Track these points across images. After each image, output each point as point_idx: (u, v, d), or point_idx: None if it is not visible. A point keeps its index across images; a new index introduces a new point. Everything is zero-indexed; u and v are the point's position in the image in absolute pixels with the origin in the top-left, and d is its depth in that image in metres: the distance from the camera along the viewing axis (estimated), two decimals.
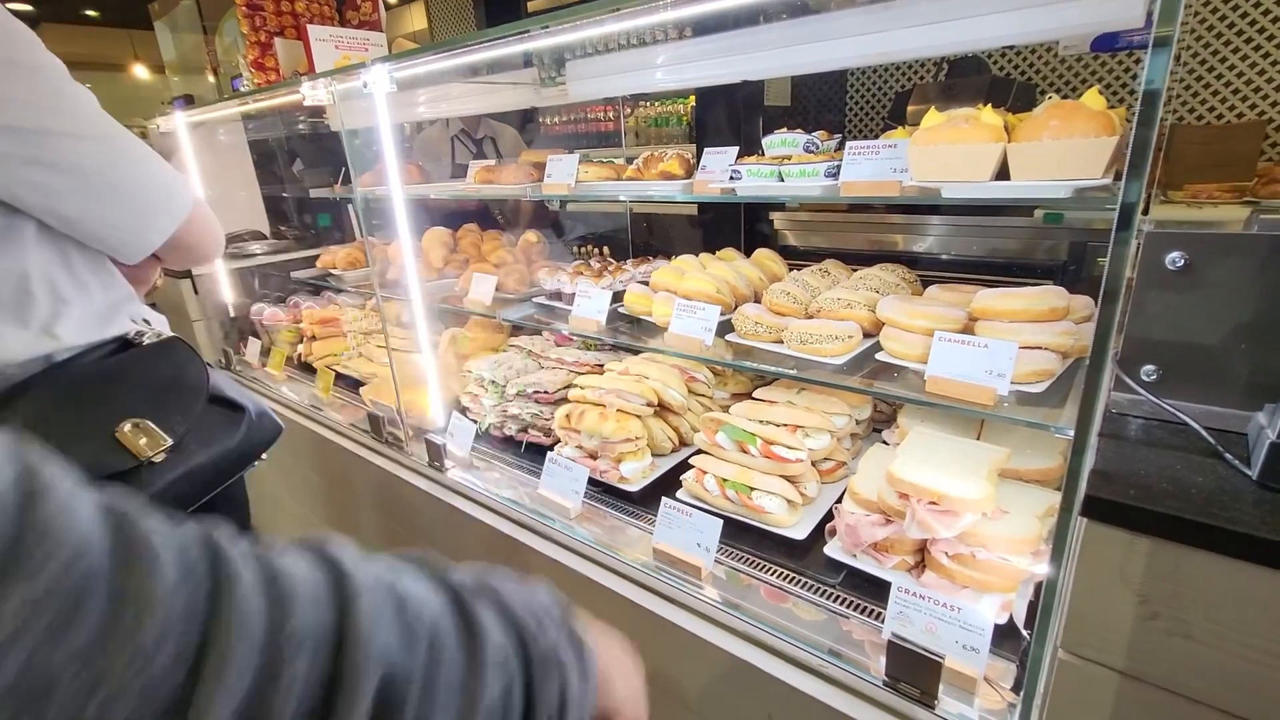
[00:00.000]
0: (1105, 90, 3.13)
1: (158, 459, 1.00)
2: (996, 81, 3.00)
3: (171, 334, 1.15)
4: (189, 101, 3.21)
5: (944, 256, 3.02)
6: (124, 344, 1.10)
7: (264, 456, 1.18)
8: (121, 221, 1.04)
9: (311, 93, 1.57)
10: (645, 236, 3.51)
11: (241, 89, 2.51)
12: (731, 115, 3.68)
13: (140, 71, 9.44)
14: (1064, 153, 0.95)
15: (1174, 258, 0.77)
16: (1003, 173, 1.02)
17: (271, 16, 2.07)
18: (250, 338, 2.75)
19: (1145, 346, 0.82)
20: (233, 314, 2.81)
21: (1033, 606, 0.94)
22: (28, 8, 8.26)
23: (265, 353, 2.63)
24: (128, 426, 1.00)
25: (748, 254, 1.82)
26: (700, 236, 3.63)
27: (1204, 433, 0.73)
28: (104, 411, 1.00)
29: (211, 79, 4.62)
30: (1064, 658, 0.71)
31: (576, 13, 1.14)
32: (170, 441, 1.02)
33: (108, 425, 0.99)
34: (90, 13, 8.79)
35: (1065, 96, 1.24)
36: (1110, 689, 0.68)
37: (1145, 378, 0.82)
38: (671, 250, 2.10)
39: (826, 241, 3.28)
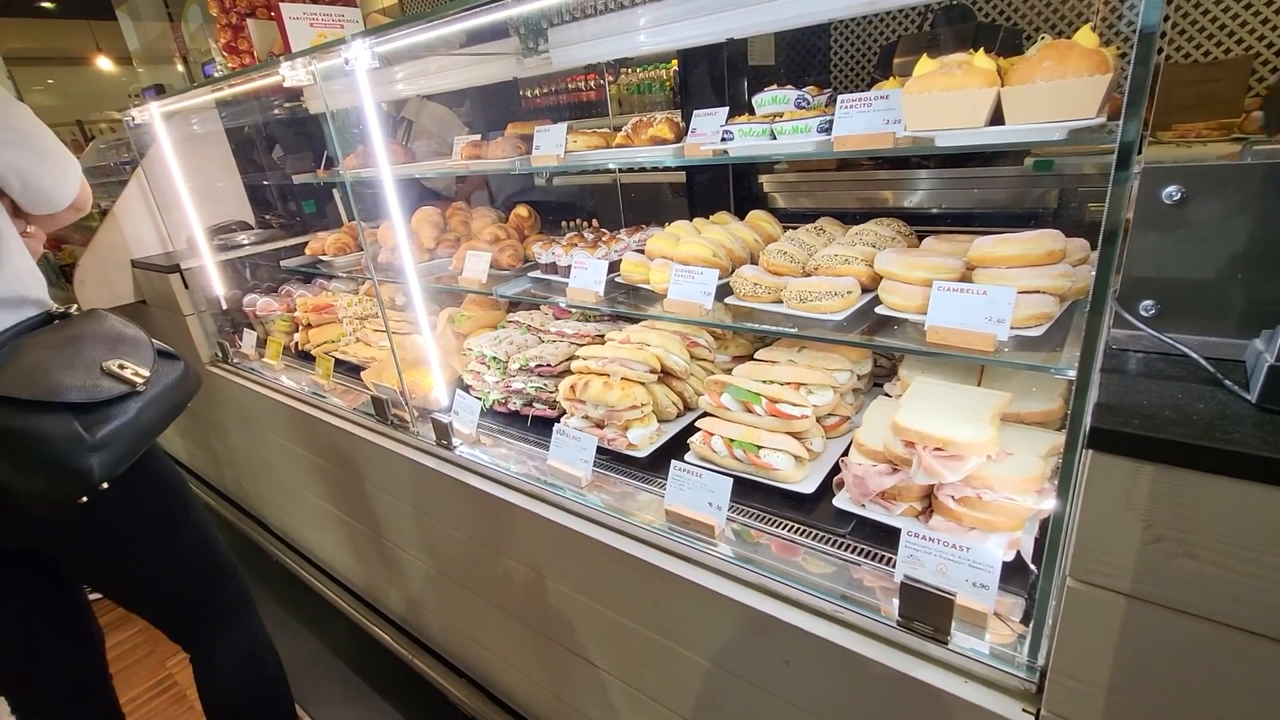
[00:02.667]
0: (1093, 31, 3.09)
1: (141, 388, 1.22)
2: (982, 28, 2.96)
3: (92, 308, 1.38)
4: (160, 91, 3.13)
5: (934, 210, 3.02)
6: (49, 316, 1.30)
7: (190, 405, 1.40)
8: (51, 174, 1.34)
9: (291, 73, 1.54)
10: (635, 207, 3.48)
11: (215, 75, 2.45)
12: (715, 77, 3.62)
13: (104, 64, 9.16)
14: (1058, 93, 0.94)
15: (1170, 191, 0.78)
16: (997, 118, 1.02)
17: None
18: (245, 329, 2.73)
19: (1143, 283, 0.83)
20: (225, 306, 2.79)
21: (1040, 541, 0.97)
22: None
23: (261, 344, 2.61)
24: (114, 364, 1.21)
25: (739, 218, 1.81)
26: (687, 204, 3.61)
27: (1203, 361, 0.75)
28: (87, 354, 1.20)
29: (181, 67, 4.49)
30: (1072, 585, 0.74)
31: None
32: (147, 374, 1.24)
33: (96, 363, 1.19)
34: (46, 4, 8.48)
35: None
36: (1118, 612, 0.71)
37: (1144, 313, 0.83)
38: (662, 217, 2.09)
39: (815, 202, 3.26)
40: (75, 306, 1.34)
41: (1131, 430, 0.64)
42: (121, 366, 1.21)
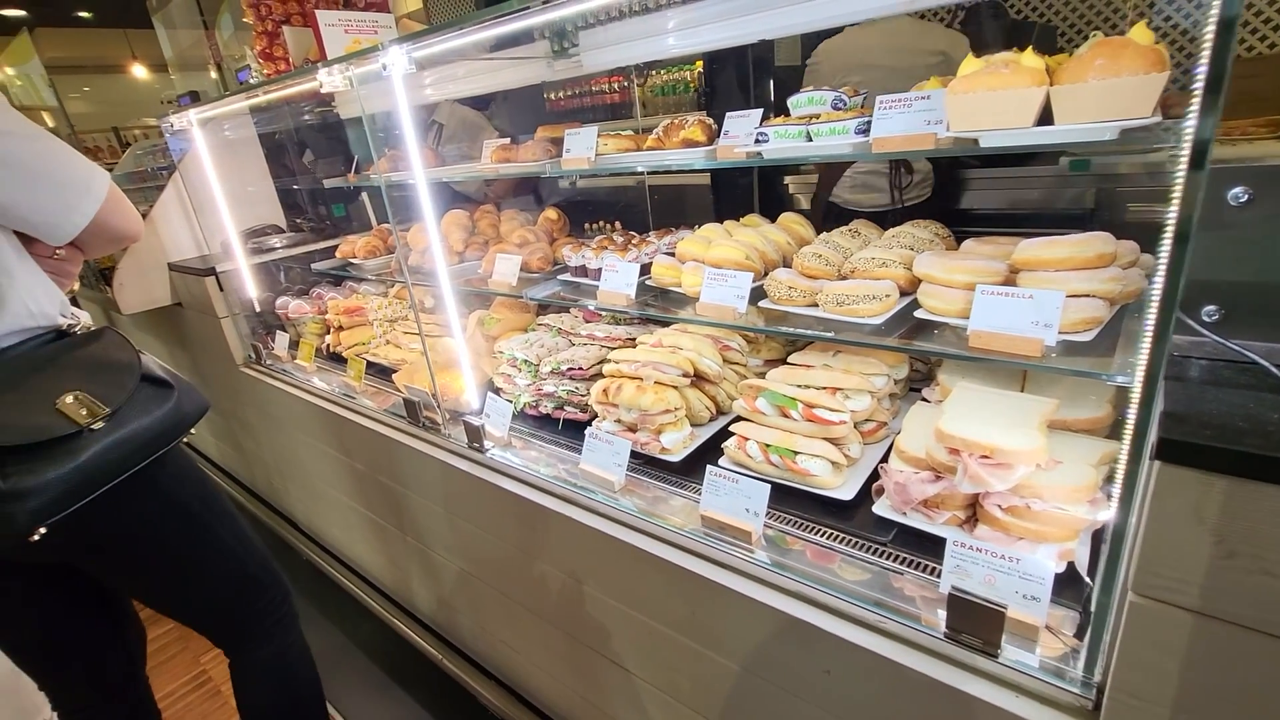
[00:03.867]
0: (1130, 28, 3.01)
1: (96, 426, 1.12)
2: (1016, 26, 2.91)
3: (103, 325, 1.30)
4: (195, 98, 3.20)
5: (969, 211, 2.97)
6: (59, 334, 1.24)
7: (193, 430, 1.33)
8: (48, 206, 1.18)
9: (329, 79, 1.56)
10: (661, 209, 3.47)
11: (250, 81, 2.50)
12: (742, 78, 3.61)
13: (140, 71, 9.40)
14: (1112, 92, 0.92)
15: (1236, 193, 0.75)
16: (1044, 119, 0.99)
17: (277, 5, 2.05)
18: (278, 332, 2.78)
19: (1205, 287, 0.80)
20: (258, 309, 2.84)
21: (1094, 554, 0.95)
22: (20, 12, 8.21)
23: (294, 345, 2.66)
24: (69, 398, 1.12)
25: (772, 218, 1.79)
26: (712, 206, 3.59)
27: (1275, 369, 0.72)
28: (48, 385, 1.13)
29: (214, 74, 4.59)
30: (1135, 600, 0.71)
31: None
32: (108, 410, 1.14)
33: (50, 397, 1.11)
34: (83, 14, 8.73)
35: (1085, 37, 1.19)
36: (1185, 629, 0.68)
37: (1207, 318, 0.80)
38: (688, 220, 2.07)
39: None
40: (80, 326, 1.28)
41: (1203, 441, 0.61)
42: (76, 402, 1.12)
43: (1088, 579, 0.93)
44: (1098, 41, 0.97)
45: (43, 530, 1.08)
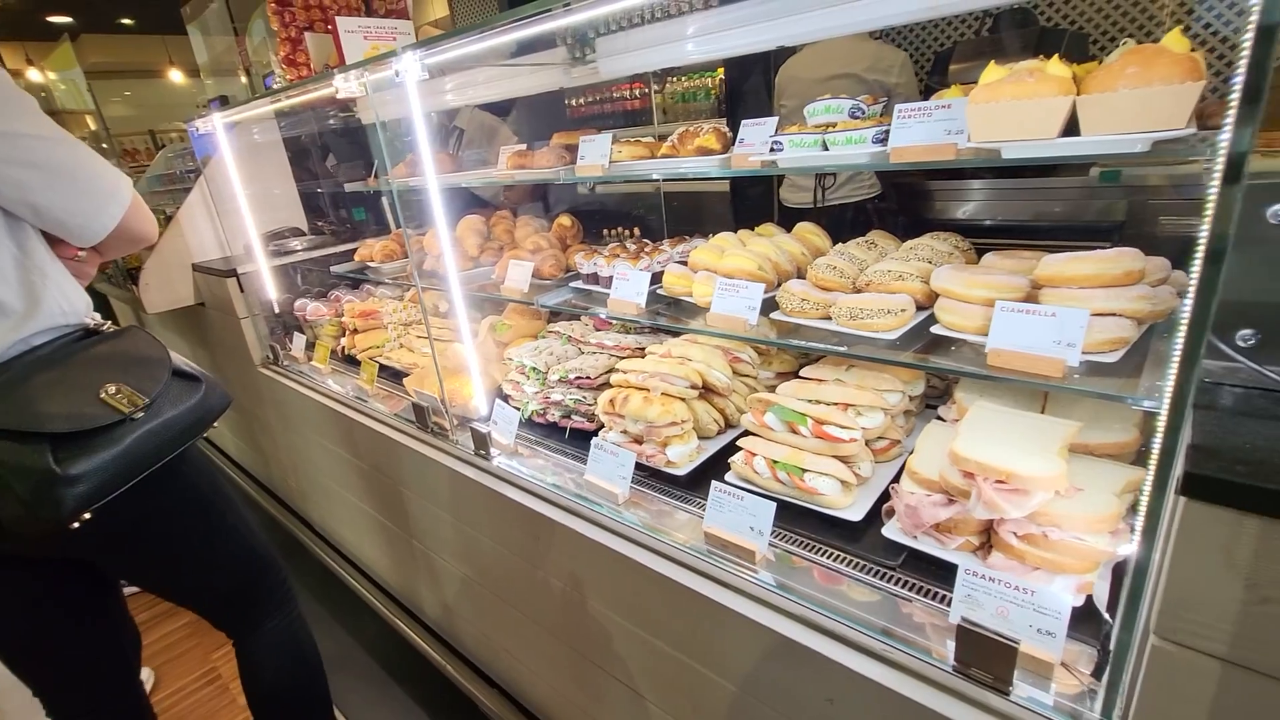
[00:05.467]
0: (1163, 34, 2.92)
1: (137, 416, 1.19)
2: (1046, 32, 2.83)
3: (129, 324, 1.37)
4: (224, 102, 3.27)
5: (988, 222, 2.90)
6: (86, 332, 1.29)
7: (216, 425, 1.38)
8: (80, 208, 1.23)
9: (344, 85, 1.57)
10: (678, 215, 3.45)
11: (274, 86, 2.54)
12: (763, 85, 3.58)
13: (176, 76, 9.67)
14: (1143, 102, 0.87)
15: (1277, 210, 0.71)
16: (1070, 129, 0.95)
17: (300, 11, 2.07)
18: (295, 333, 2.81)
19: (1240, 309, 0.75)
20: (277, 310, 2.88)
21: (1115, 589, 0.90)
22: (68, 19, 8.51)
23: (310, 347, 2.68)
24: (111, 389, 1.19)
25: (787, 228, 1.76)
26: (731, 213, 3.57)
27: None
28: (88, 378, 1.19)
29: (244, 79, 4.70)
30: (1157, 644, 0.67)
31: None
32: (146, 401, 1.21)
33: (93, 388, 1.17)
34: (126, 21, 9.01)
35: (1116, 44, 1.14)
36: (1212, 678, 0.64)
37: (1241, 343, 0.76)
38: (704, 227, 2.05)
39: (863, 213, 3.18)
40: (109, 324, 1.34)
41: (1235, 478, 0.57)
42: (119, 393, 1.18)
43: (1107, 616, 0.88)
44: (1129, 49, 0.92)
45: (86, 516, 1.13)
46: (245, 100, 2.44)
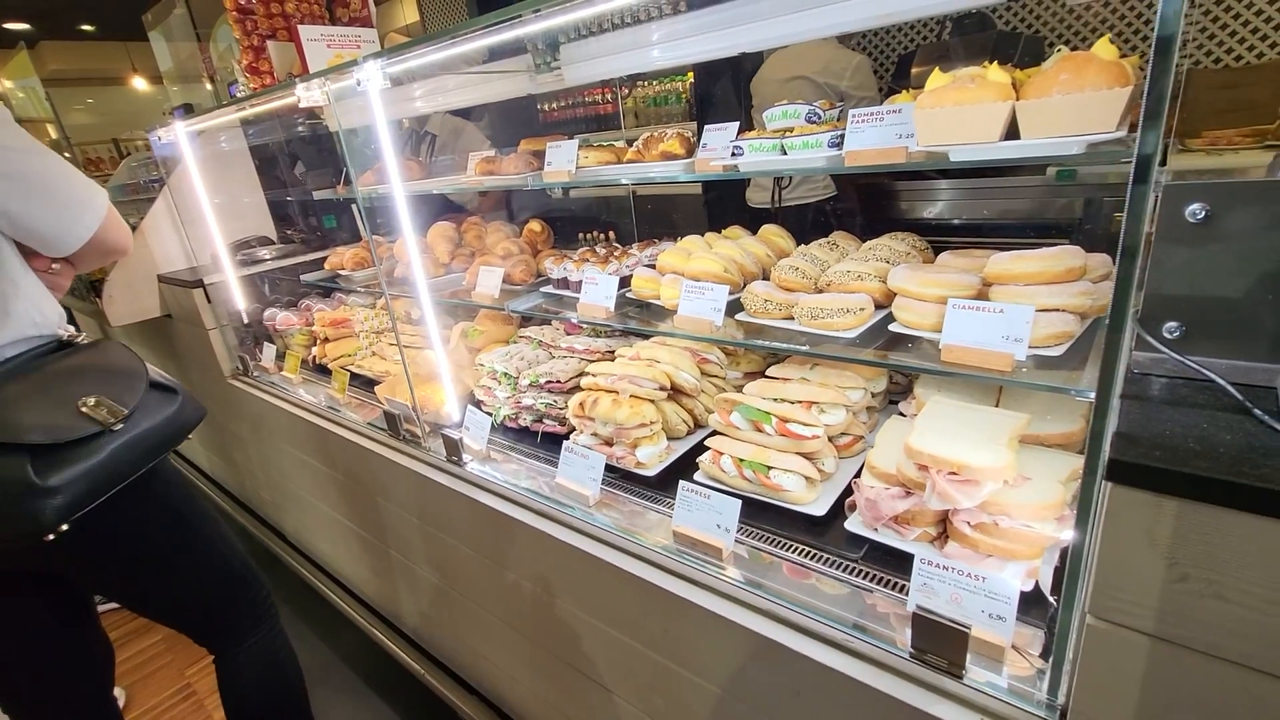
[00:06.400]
0: (1118, 39, 3.02)
1: (116, 427, 1.19)
2: (1003, 36, 2.91)
3: (102, 336, 1.37)
4: (188, 110, 3.21)
5: (955, 221, 2.97)
6: (60, 344, 1.29)
7: (190, 436, 1.39)
8: (56, 218, 1.23)
9: (306, 94, 1.57)
10: (650, 218, 3.48)
11: (238, 94, 2.51)
12: (732, 89, 3.63)
13: (139, 84, 9.47)
14: (1076, 107, 0.91)
15: (1194, 210, 0.75)
16: (1013, 131, 0.99)
17: (263, 20, 2.06)
18: (265, 343, 2.77)
19: (1167, 303, 0.79)
20: (246, 320, 2.84)
21: (1059, 573, 0.93)
22: (26, 26, 8.29)
23: (280, 357, 2.65)
24: (91, 401, 1.19)
25: (754, 230, 1.79)
26: (705, 214, 3.60)
27: (1231, 389, 0.71)
28: (66, 390, 1.19)
29: (209, 86, 4.62)
30: (1092, 623, 0.70)
31: None
32: (126, 412, 1.21)
33: (72, 400, 1.17)
34: (87, 27, 8.80)
35: (1075, 47, 1.19)
36: (1141, 653, 0.67)
37: (1168, 335, 0.80)
38: (676, 229, 2.08)
39: (821, 213, 3.24)
40: (84, 335, 1.34)
41: (1153, 463, 0.60)
42: (98, 405, 1.18)
43: (1052, 599, 0.92)
44: (1062, 56, 0.96)
45: (64, 527, 1.12)
46: (209, 109, 2.41)
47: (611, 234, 3.89)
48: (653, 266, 1.70)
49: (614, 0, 1.20)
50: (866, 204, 3.12)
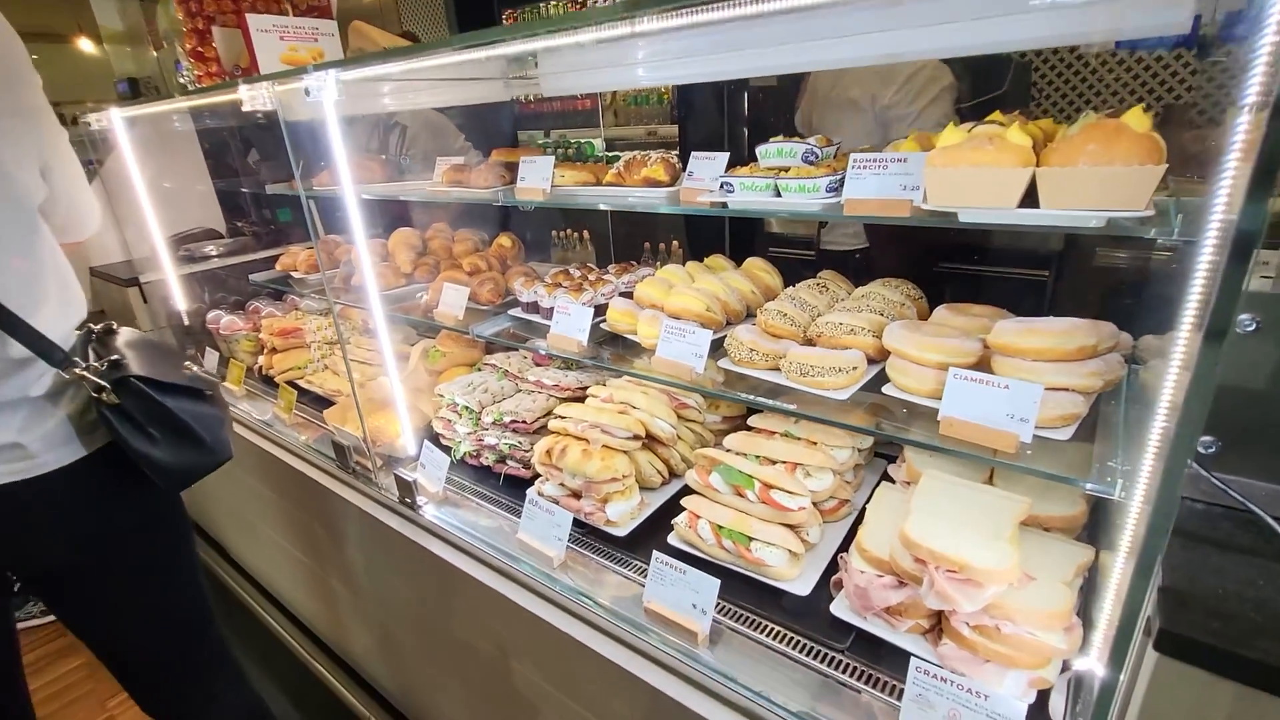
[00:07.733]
0: (1117, 83, 2.96)
1: (209, 393, 1.31)
2: (992, 61, 2.86)
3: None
4: (132, 85, 2.96)
5: (931, 242, 2.92)
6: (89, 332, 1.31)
7: None
8: (90, 203, 1.34)
9: (250, 97, 1.40)
10: (628, 221, 3.35)
11: (183, 76, 2.29)
12: (715, 95, 3.51)
13: (86, 45, 8.86)
14: (1103, 181, 0.84)
15: (1244, 320, 0.67)
16: (1030, 192, 0.91)
17: (209, 1, 1.86)
18: (208, 348, 2.57)
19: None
20: (187, 322, 2.62)
21: (1071, 698, 0.86)
22: None
23: (223, 365, 2.45)
24: (193, 367, 1.39)
25: (733, 250, 1.69)
26: (684, 228, 3.48)
27: (1275, 524, 0.64)
28: (172, 360, 1.32)
29: (155, 53, 4.30)
30: None
31: (550, 24, 0.99)
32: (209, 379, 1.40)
33: (176, 364, 1.30)
34: None
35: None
36: None
37: (1202, 450, 0.72)
38: (655, 241, 1.95)
39: (810, 229, 3.14)
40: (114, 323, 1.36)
41: (1211, 640, 0.52)
42: (191, 371, 1.32)
43: None
44: (1090, 123, 0.88)
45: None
46: (148, 99, 2.19)
47: (586, 234, 3.75)
48: (629, 295, 1.59)
49: (584, 32, 1.06)
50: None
